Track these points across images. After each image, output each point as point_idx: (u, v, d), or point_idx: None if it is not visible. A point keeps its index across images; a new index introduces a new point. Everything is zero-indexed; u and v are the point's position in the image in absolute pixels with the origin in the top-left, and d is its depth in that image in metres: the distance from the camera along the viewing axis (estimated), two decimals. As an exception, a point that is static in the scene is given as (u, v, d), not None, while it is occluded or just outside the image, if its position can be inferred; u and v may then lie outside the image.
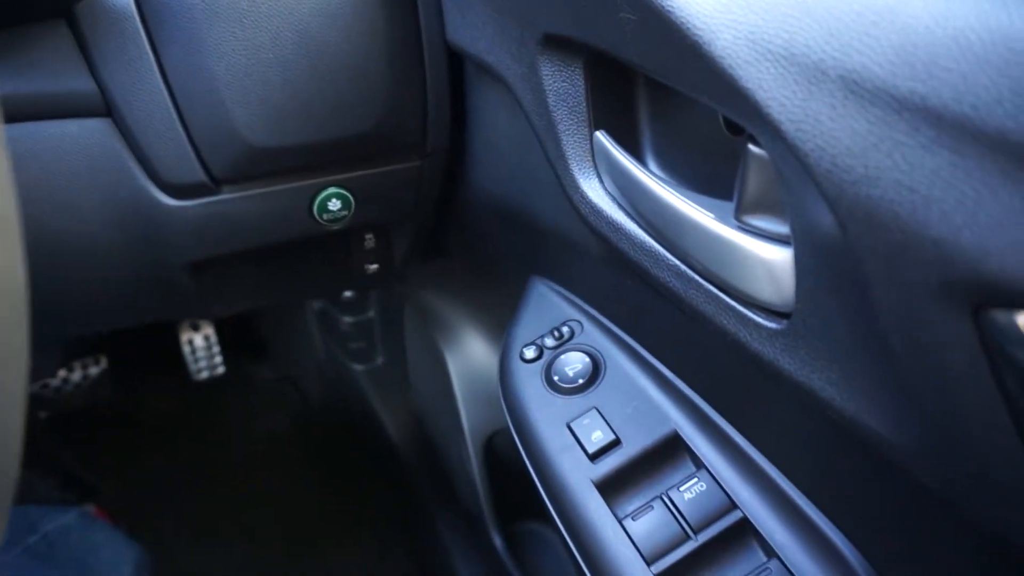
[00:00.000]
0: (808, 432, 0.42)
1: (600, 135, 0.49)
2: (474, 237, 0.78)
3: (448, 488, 1.00)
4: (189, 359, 1.40)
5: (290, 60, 0.58)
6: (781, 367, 0.38)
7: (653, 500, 0.48)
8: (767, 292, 0.39)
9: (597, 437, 0.51)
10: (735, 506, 0.46)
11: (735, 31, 0.34)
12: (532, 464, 0.53)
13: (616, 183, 0.49)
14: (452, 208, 0.75)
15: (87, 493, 1.28)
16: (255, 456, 1.38)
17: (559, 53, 0.49)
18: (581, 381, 0.54)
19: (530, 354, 0.57)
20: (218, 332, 1.41)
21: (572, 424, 0.52)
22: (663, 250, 0.45)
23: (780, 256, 0.37)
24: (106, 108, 0.57)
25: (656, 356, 0.53)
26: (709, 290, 0.42)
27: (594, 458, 0.50)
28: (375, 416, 1.16)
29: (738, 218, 0.40)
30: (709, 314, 0.43)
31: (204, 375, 1.42)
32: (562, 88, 0.50)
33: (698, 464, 0.49)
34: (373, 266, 0.76)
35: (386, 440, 1.15)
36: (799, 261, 0.36)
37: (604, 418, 0.52)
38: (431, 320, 0.92)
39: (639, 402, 0.52)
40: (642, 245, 0.47)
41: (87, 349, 1.33)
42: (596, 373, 0.54)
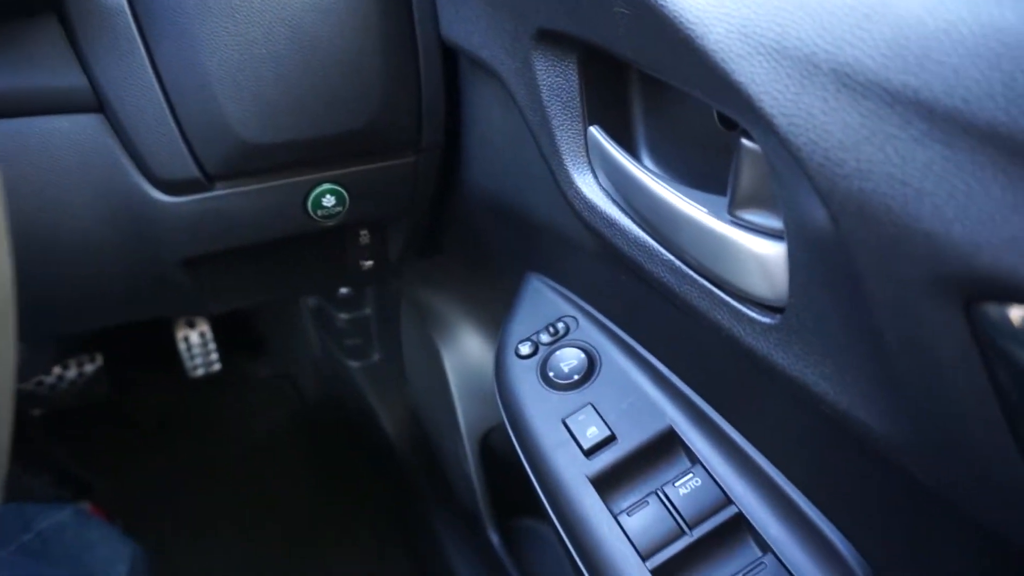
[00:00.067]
0: (802, 427, 0.42)
1: (594, 130, 0.49)
2: (469, 233, 0.78)
3: (444, 485, 1.00)
4: (185, 356, 1.40)
5: (283, 55, 0.58)
6: (775, 362, 0.38)
7: (648, 496, 0.48)
8: (761, 287, 0.39)
9: (592, 433, 0.51)
10: (730, 501, 0.46)
11: (728, 25, 0.34)
12: (527, 460, 0.53)
13: (610, 178, 0.49)
14: (447, 204, 0.75)
15: (82, 490, 1.28)
16: (251, 453, 1.38)
17: (553, 48, 0.49)
18: (576, 377, 0.54)
19: (525, 350, 0.57)
20: (214, 329, 1.41)
21: (567, 420, 0.52)
22: (657, 245, 0.45)
23: (773, 251, 0.37)
24: (97, 103, 0.57)
25: (651, 351, 0.53)
26: (703, 285, 0.42)
27: (589, 454, 0.50)
28: (371, 412, 1.16)
29: (731, 213, 0.40)
30: (703, 309, 0.43)
31: (200, 372, 1.42)
32: (556, 83, 0.49)
33: (693, 460, 0.49)
34: (368, 262, 0.76)
35: (383, 436, 1.15)
36: (792, 255, 0.36)
37: (599, 414, 0.52)
38: (427, 316, 0.92)
39: (634, 398, 0.52)
40: (636, 240, 0.47)
41: (82, 346, 1.33)
42: (591, 369, 0.54)
